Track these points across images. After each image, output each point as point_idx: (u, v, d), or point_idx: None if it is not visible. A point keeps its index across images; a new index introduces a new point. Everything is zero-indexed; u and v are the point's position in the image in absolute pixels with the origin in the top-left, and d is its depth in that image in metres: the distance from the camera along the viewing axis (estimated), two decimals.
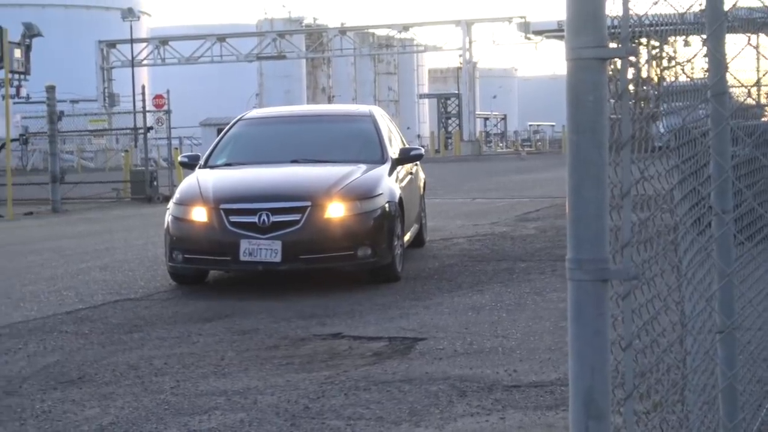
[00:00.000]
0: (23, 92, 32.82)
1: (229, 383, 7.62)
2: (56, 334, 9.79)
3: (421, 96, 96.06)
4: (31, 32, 32.77)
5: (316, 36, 77.54)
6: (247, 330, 9.65)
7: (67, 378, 8.00)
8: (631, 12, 2.98)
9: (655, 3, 3.19)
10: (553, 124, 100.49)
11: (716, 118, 3.97)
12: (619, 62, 2.94)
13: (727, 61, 4.06)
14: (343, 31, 74.93)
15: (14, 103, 29.84)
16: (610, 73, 2.90)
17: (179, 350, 8.86)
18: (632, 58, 2.98)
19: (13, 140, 29.76)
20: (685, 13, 3.54)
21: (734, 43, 4.19)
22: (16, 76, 30.44)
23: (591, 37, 2.82)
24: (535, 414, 6.54)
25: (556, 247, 14.91)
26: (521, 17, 69.80)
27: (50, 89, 31.28)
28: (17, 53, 31.04)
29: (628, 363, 3.05)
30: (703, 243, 4.10)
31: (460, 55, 72.36)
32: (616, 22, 2.92)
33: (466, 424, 6.39)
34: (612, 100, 2.94)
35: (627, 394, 3.05)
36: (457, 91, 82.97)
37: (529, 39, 70.53)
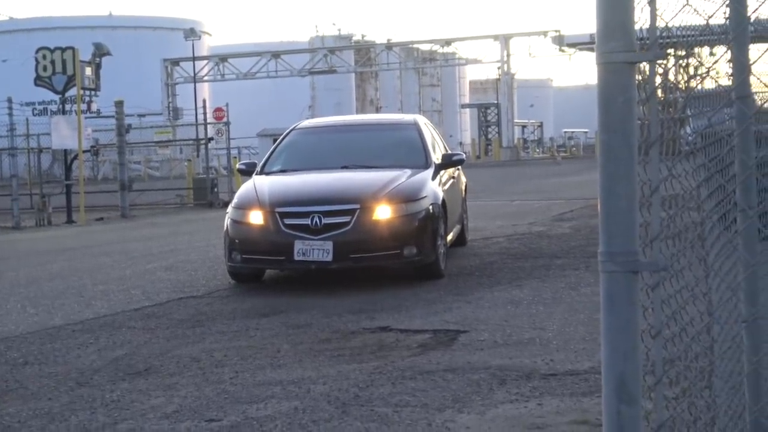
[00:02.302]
0: (94, 107, 33.14)
1: (284, 374, 7.62)
2: (125, 330, 9.84)
3: (463, 106, 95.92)
4: (100, 51, 33.09)
5: (364, 51, 77.51)
6: (301, 324, 9.64)
7: (135, 370, 8.03)
8: (659, 22, 2.92)
9: (681, 10, 3.13)
10: (587, 131, 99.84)
11: (740, 117, 3.90)
12: (647, 67, 2.89)
13: (750, 63, 3.99)
14: (389, 46, 74.90)
15: (86, 117, 30.10)
16: (640, 79, 2.86)
17: (238, 343, 8.87)
18: (659, 62, 2.94)
19: (85, 152, 30.01)
20: (709, 20, 3.49)
21: (757, 49, 4.12)
22: (88, 92, 30.76)
23: (620, 42, 2.77)
24: (571, 400, 6.48)
25: (589, 244, 14.80)
26: (556, 31, 69.40)
27: (119, 104, 31.58)
28: (88, 71, 31.39)
29: (658, 350, 2.99)
30: (729, 237, 4.03)
31: (499, 68, 72.13)
32: (645, 33, 2.88)
33: (506, 410, 6.34)
34: (641, 105, 2.89)
35: (657, 379, 3.00)
36: (496, 101, 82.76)
37: (563, 51, 70.04)
